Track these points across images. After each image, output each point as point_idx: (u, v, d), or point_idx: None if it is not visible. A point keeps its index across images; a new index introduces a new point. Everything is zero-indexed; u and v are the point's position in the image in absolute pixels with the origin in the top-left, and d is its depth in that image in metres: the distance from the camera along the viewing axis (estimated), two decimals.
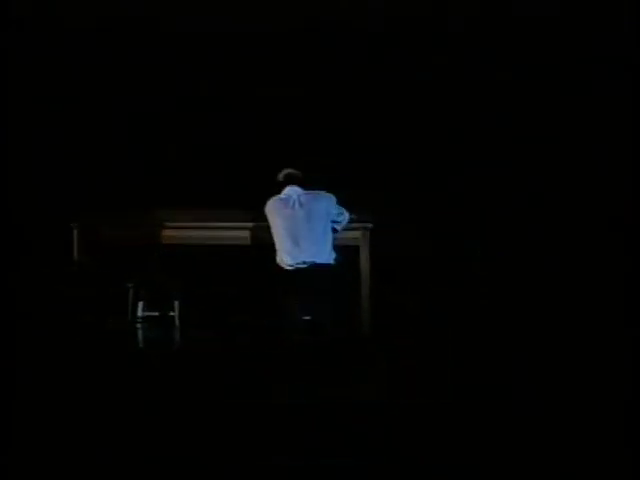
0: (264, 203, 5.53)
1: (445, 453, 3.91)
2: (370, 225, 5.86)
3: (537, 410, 4.35)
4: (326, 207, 5.46)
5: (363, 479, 3.74)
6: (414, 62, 6.91)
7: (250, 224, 5.85)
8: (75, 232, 5.91)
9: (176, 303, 6.14)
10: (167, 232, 6.00)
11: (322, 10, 6.67)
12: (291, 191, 5.48)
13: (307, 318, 5.37)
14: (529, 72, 6.87)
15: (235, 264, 6.24)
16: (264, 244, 5.58)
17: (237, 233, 5.95)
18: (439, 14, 6.72)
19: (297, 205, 5.41)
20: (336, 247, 5.46)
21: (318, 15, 6.70)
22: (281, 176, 5.58)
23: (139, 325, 6.11)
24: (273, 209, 5.47)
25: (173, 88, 6.91)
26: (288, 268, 5.36)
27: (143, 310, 6.17)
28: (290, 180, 5.53)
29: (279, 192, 5.53)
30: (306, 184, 5.55)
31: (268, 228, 5.48)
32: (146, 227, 6.01)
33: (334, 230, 5.50)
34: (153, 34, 6.78)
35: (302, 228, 5.35)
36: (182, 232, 6.01)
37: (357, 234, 5.82)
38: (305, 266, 5.33)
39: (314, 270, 5.33)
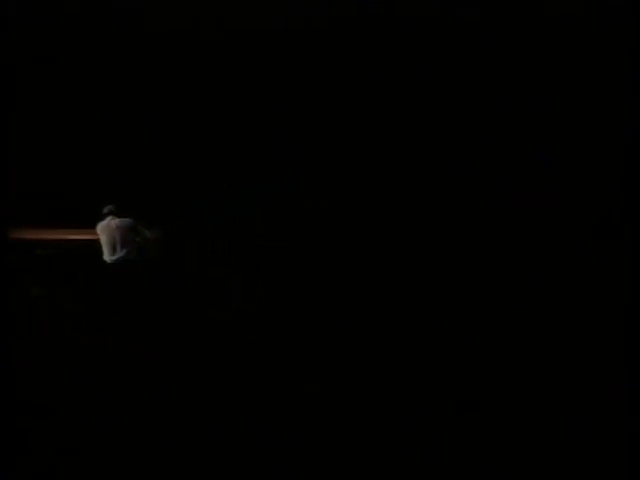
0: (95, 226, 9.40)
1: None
2: (160, 237, 9.85)
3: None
4: (132, 227, 9.32)
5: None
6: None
7: (90, 236, 9.70)
8: None
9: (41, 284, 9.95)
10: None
11: None
12: (110, 219, 9.32)
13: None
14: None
15: (80, 260, 9.90)
16: (96, 248, 9.46)
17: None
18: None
19: (114, 226, 9.26)
20: (139, 250, 9.38)
21: None
22: (105, 210, 9.38)
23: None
24: (100, 229, 9.30)
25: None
26: (110, 262, 9.30)
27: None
28: (109, 213, 9.37)
29: (104, 219, 9.37)
30: (118, 214, 9.39)
31: (98, 240, 9.36)
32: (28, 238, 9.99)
33: (137, 241, 9.41)
34: None
35: (118, 240, 9.23)
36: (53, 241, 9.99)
37: (151, 242, 9.82)
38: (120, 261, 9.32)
39: (125, 263, 9.32)
